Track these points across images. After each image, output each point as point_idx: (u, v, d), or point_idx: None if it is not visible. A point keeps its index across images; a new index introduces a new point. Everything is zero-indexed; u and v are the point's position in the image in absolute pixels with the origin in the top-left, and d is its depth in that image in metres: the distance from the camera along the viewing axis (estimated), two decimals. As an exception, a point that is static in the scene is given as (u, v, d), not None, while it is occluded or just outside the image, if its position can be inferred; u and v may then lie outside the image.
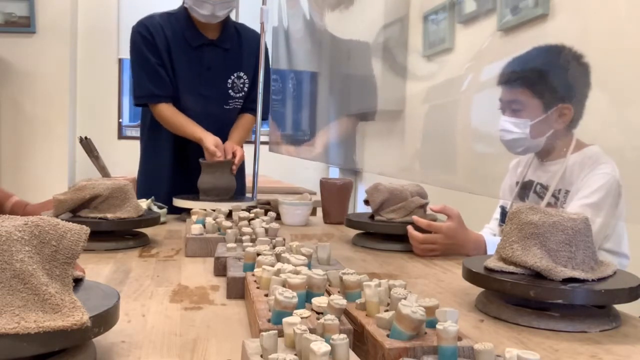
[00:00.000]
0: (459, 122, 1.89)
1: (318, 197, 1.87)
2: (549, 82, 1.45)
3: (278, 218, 1.66)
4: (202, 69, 1.88)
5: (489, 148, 1.65)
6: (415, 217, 1.33)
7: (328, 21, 2.92)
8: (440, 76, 2.12)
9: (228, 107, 1.94)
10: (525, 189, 1.55)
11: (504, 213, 1.63)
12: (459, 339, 0.58)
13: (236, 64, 1.93)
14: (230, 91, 1.93)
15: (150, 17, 1.88)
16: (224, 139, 1.85)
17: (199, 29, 1.87)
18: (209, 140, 1.75)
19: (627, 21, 1.26)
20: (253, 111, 1.96)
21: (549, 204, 1.44)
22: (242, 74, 1.94)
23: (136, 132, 4.41)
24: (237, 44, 1.94)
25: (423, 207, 1.41)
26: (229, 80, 1.92)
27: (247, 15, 2.81)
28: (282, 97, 3.47)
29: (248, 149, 2.08)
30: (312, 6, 3.03)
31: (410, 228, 1.31)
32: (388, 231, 1.37)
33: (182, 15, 1.87)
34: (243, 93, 1.95)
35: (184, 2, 1.86)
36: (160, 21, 1.87)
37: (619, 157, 1.32)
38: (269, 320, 0.65)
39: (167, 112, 1.85)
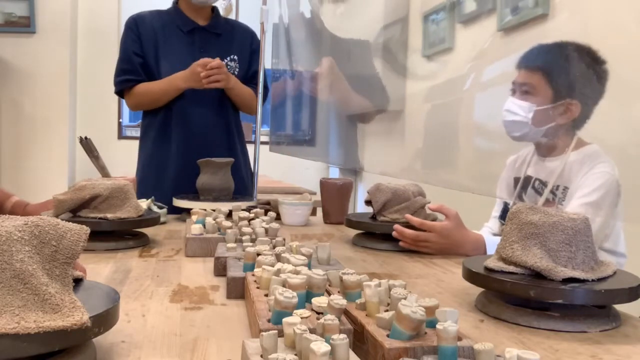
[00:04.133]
0: (461, 122, 1.89)
1: (318, 197, 1.87)
2: (565, 75, 1.44)
3: (278, 218, 1.66)
4: (195, 50, 1.94)
5: (491, 147, 1.66)
6: (407, 216, 1.33)
7: (328, 20, 2.92)
8: (440, 76, 2.12)
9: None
10: (524, 184, 1.55)
11: (505, 209, 1.62)
12: (459, 339, 0.58)
13: (229, 48, 1.99)
14: None
15: (140, 12, 2.00)
16: (222, 119, 1.94)
17: (190, 17, 1.96)
18: (191, 68, 1.81)
19: (627, 20, 1.26)
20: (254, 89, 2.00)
21: (547, 200, 1.44)
22: (235, 57, 1.99)
23: (136, 132, 4.40)
24: (229, 32, 2.01)
25: (423, 206, 1.42)
26: (224, 62, 1.96)
27: (247, 15, 2.80)
28: (285, 97, 3.46)
29: (248, 149, 2.09)
30: (312, 5, 3.03)
31: (397, 226, 1.31)
32: (388, 231, 1.37)
33: (173, 8, 1.98)
34: (237, 76, 1.99)
35: None
36: (149, 14, 1.99)
37: (620, 155, 1.32)
38: (269, 320, 0.65)
39: (142, 87, 1.93)
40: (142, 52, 1.93)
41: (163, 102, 1.92)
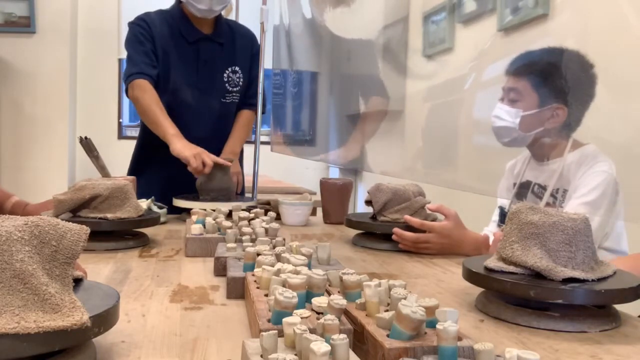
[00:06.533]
0: (461, 121, 1.89)
1: (318, 197, 1.87)
2: (551, 80, 1.46)
3: (278, 218, 1.66)
4: (199, 62, 1.92)
5: (492, 147, 1.66)
6: (407, 217, 1.33)
7: (329, 20, 2.92)
8: (441, 76, 2.12)
9: (225, 100, 1.97)
10: (522, 189, 1.55)
11: (503, 214, 1.63)
12: (459, 339, 0.58)
13: (231, 58, 1.97)
14: (227, 85, 1.96)
15: (147, 14, 1.94)
16: (223, 131, 1.90)
17: (194, 25, 1.92)
18: (178, 148, 1.70)
19: (627, 19, 1.26)
20: (252, 106, 1.99)
21: (547, 204, 1.44)
22: (237, 68, 1.97)
23: (136, 132, 4.40)
24: (231, 39, 1.98)
25: (423, 206, 1.42)
26: (225, 74, 1.95)
27: (247, 15, 2.80)
28: (285, 97, 3.46)
29: (248, 149, 2.08)
30: (312, 5, 3.03)
31: (396, 230, 1.31)
32: (388, 231, 1.37)
33: (177, 12, 1.92)
34: (239, 87, 1.98)
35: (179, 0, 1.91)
36: (156, 17, 1.93)
37: (622, 154, 1.32)
38: (269, 320, 0.65)
39: (149, 91, 1.80)
40: (157, 54, 1.87)
41: (149, 126, 1.84)
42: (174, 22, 1.92)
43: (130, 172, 2.04)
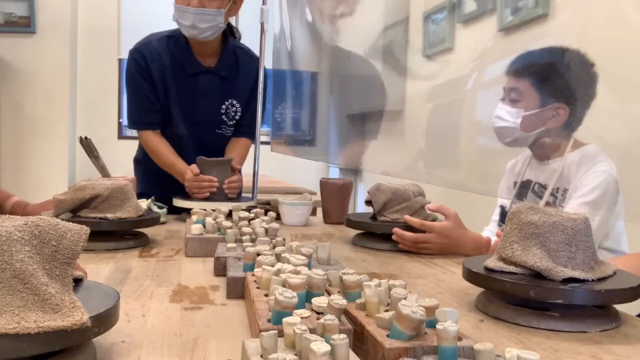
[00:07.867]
0: (462, 121, 1.89)
1: (318, 197, 1.87)
2: (552, 80, 1.46)
3: (278, 218, 1.66)
4: (197, 95, 1.88)
5: (492, 147, 1.66)
6: (407, 217, 1.33)
7: (328, 21, 2.92)
8: (441, 76, 2.12)
9: (220, 131, 1.95)
10: (523, 188, 1.55)
11: (503, 213, 1.63)
12: (459, 339, 0.58)
13: (231, 91, 1.93)
14: (223, 117, 1.93)
15: (147, 43, 1.87)
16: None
17: (196, 56, 1.87)
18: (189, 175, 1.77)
19: (628, 19, 1.26)
20: (248, 135, 1.97)
21: (547, 204, 1.44)
22: (235, 101, 1.94)
23: (136, 132, 4.39)
24: (234, 71, 1.93)
25: (423, 206, 1.42)
26: (223, 107, 1.92)
27: (247, 15, 2.80)
28: (285, 97, 3.47)
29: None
30: (312, 7, 3.03)
31: (396, 230, 1.31)
32: (388, 231, 1.37)
33: (181, 39, 1.86)
34: (234, 121, 1.95)
35: None
36: (157, 47, 1.86)
37: (623, 154, 1.32)
38: (269, 320, 0.65)
39: (153, 140, 1.88)
40: (156, 89, 1.85)
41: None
42: (177, 52, 1.85)
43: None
